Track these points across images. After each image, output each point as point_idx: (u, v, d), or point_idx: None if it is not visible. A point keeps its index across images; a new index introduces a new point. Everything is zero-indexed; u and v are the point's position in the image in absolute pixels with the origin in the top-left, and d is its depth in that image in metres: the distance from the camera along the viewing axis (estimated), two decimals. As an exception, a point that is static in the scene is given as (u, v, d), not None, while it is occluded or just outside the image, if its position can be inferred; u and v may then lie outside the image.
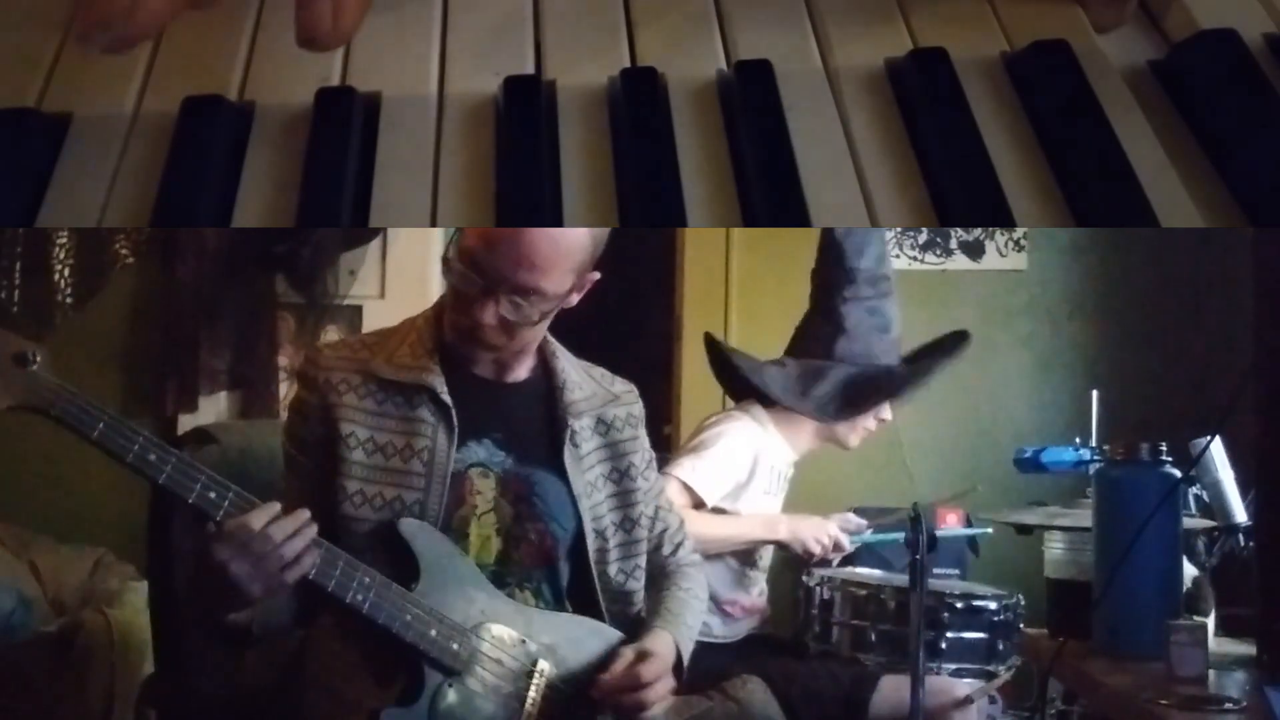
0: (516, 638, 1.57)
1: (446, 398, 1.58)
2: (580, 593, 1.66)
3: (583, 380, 1.71)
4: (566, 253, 1.53)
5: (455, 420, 1.58)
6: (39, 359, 1.34)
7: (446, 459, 1.57)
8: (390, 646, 1.50)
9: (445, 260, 1.59)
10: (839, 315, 2.42)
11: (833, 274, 2.44)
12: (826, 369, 2.41)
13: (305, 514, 1.43)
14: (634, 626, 1.68)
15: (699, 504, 2.33)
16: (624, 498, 1.71)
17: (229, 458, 1.81)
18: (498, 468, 1.62)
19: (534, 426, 1.67)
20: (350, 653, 1.54)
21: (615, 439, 1.72)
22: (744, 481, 2.40)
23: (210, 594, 1.42)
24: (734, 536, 2.38)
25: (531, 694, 1.55)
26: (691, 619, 1.74)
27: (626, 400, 1.76)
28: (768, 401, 2.49)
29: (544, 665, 1.57)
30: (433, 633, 1.50)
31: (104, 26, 1.28)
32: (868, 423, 2.46)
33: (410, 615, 1.49)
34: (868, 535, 2.51)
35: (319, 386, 1.59)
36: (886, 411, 2.48)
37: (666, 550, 1.80)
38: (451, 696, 1.51)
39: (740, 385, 2.52)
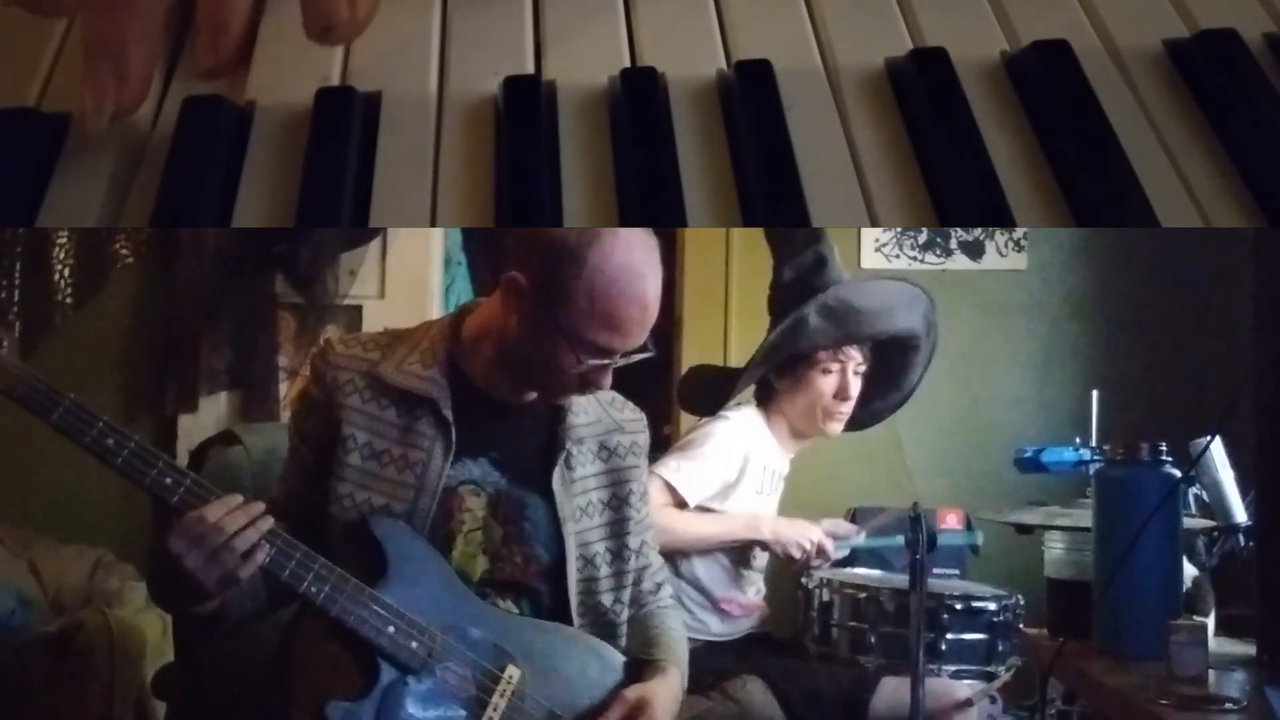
0: (488, 642, 1.55)
1: (448, 413, 1.58)
2: (558, 619, 1.64)
3: (588, 404, 1.68)
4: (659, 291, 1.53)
5: (453, 437, 1.58)
6: (5, 344, 1.37)
7: (439, 474, 1.57)
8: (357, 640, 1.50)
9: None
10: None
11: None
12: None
13: (260, 506, 1.43)
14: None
15: (681, 504, 2.33)
16: (619, 526, 1.69)
17: (254, 458, 1.82)
18: (490, 487, 1.61)
19: (533, 448, 1.65)
20: (330, 645, 1.54)
21: (617, 465, 1.70)
22: (733, 481, 2.40)
23: (171, 587, 1.43)
24: (716, 534, 2.38)
25: (495, 699, 1.53)
26: (685, 656, 1.73)
27: (632, 429, 1.73)
28: (761, 401, 2.49)
29: (514, 672, 1.55)
30: (390, 629, 1.50)
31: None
32: (819, 400, 2.42)
33: (366, 611, 1.49)
34: (858, 540, 2.50)
35: (327, 384, 1.59)
36: (827, 383, 2.42)
37: (647, 586, 1.77)
38: (405, 694, 1.50)
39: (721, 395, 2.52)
